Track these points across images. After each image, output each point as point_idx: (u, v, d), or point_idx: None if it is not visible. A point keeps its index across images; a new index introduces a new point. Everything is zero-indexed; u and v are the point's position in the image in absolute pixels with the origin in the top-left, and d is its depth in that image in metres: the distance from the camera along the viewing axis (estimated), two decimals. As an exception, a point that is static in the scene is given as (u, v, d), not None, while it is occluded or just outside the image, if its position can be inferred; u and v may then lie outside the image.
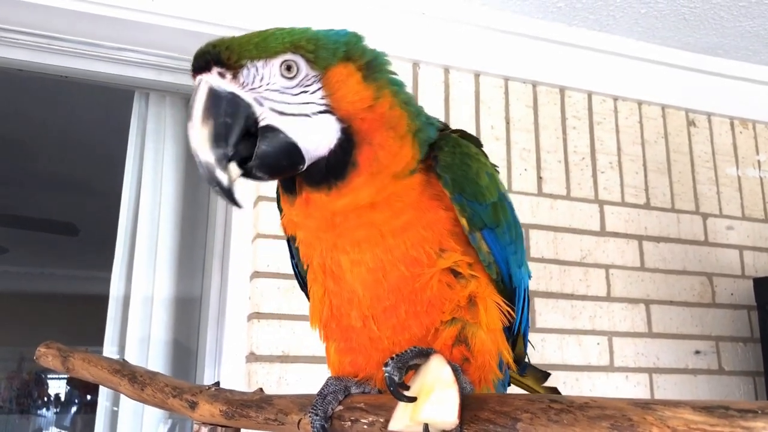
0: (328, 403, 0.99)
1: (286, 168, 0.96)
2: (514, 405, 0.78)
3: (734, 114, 3.22)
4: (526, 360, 1.40)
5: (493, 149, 2.74)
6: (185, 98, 2.78)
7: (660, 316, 2.84)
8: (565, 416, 0.73)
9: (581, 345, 2.67)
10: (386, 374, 0.86)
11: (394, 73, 1.06)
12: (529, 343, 1.42)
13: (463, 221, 1.02)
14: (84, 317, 5.42)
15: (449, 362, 0.88)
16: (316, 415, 0.98)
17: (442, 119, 2.67)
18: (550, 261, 2.71)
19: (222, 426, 1.22)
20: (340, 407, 0.99)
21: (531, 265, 2.60)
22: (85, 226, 5.85)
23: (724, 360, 2.90)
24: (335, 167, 0.96)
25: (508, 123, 2.81)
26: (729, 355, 2.91)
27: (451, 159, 1.02)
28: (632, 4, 2.72)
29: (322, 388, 1.03)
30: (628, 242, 2.86)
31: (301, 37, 0.96)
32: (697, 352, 2.86)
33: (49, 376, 8.74)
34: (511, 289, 1.11)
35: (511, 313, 1.10)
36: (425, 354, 0.90)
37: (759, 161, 3.24)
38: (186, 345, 2.69)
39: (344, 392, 1.02)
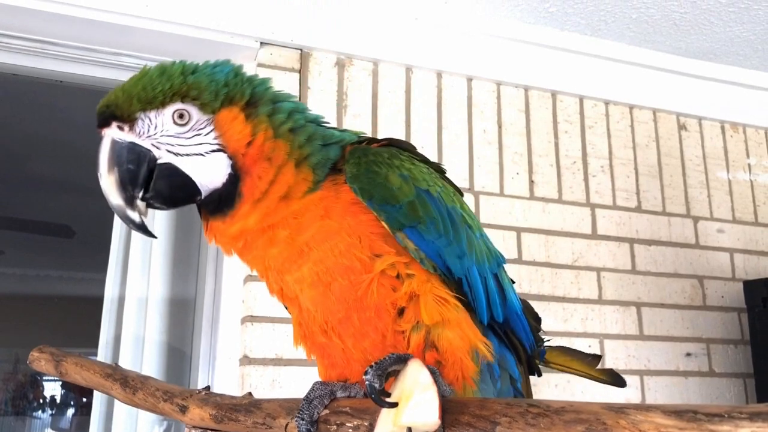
0: (314, 407, 1.02)
1: (183, 199, 1.10)
2: (494, 409, 0.81)
3: (725, 118, 3.25)
4: (544, 346, 1.42)
5: (486, 153, 2.76)
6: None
7: (651, 318, 2.86)
8: (542, 420, 0.75)
9: (573, 347, 2.68)
10: (366, 382, 0.89)
11: (279, 100, 1.14)
12: (545, 336, 1.43)
13: (383, 224, 1.07)
14: (79, 319, 5.43)
15: (427, 365, 0.90)
16: (302, 419, 1.00)
17: (435, 123, 2.71)
18: (542, 264, 2.73)
19: (212, 430, 1.24)
20: (326, 411, 1.01)
21: (523, 268, 2.63)
22: (81, 229, 5.86)
23: (714, 362, 2.92)
24: (226, 198, 1.07)
25: (500, 127, 2.83)
26: (720, 357, 2.94)
27: (356, 169, 1.07)
28: (623, 9, 2.74)
29: (309, 393, 1.05)
30: (619, 245, 2.88)
31: (186, 84, 1.06)
32: (688, 355, 2.88)
33: (44, 378, 8.74)
34: (456, 281, 1.13)
35: (457, 303, 1.10)
36: (403, 359, 0.93)
37: (749, 165, 3.27)
38: (180, 347, 2.70)
39: (330, 396, 1.05)
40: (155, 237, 1.15)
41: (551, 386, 2.63)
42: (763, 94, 3.27)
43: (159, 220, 2.71)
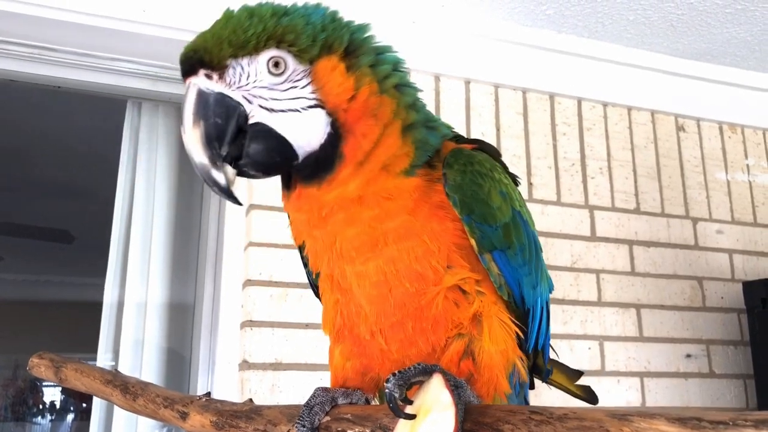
0: (314, 414, 1.00)
1: (279, 164, 0.98)
2: (496, 416, 0.80)
3: (723, 119, 3.25)
4: (549, 367, 1.41)
5: (484, 156, 2.76)
6: (178, 107, 2.79)
7: (651, 320, 2.86)
8: (545, 427, 0.75)
9: (573, 350, 2.69)
10: (387, 390, 0.86)
11: (382, 51, 1.04)
12: (552, 350, 1.42)
13: (473, 242, 1.00)
14: (78, 324, 5.42)
15: (452, 380, 0.88)
16: (303, 426, 0.99)
17: (433, 126, 2.70)
18: (541, 266, 2.73)
19: (213, 436, 1.23)
20: (327, 418, 1.00)
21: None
22: (80, 234, 5.86)
23: (714, 363, 2.92)
24: (324, 160, 0.96)
25: (498, 130, 2.83)
26: (720, 358, 2.94)
27: (461, 178, 0.99)
28: (621, 11, 2.75)
29: (309, 399, 1.03)
30: (618, 247, 2.88)
31: (281, 26, 0.95)
32: (688, 356, 2.88)
33: (44, 383, 8.72)
34: (524, 311, 1.08)
35: (519, 333, 1.07)
36: (428, 372, 0.89)
37: (748, 165, 3.27)
38: (179, 352, 2.70)
39: (331, 403, 1.03)
40: (241, 204, 1.00)
41: (549, 393, 2.62)
42: (760, 95, 3.28)
43: (158, 220, 2.71)
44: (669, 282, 2.93)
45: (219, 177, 0.93)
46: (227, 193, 0.94)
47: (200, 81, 0.93)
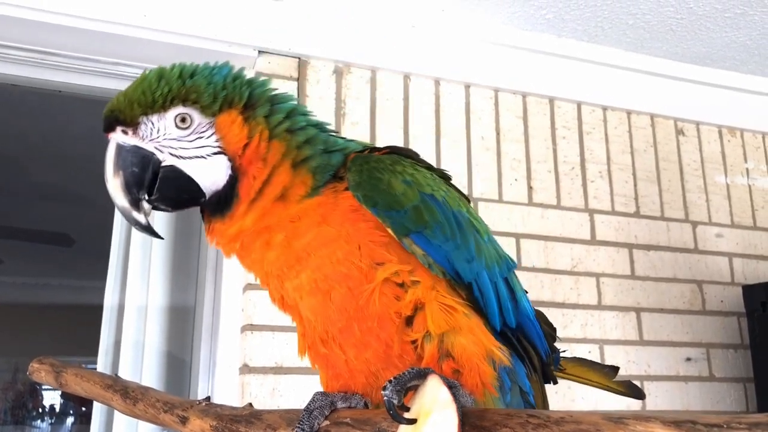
0: (314, 418, 1.01)
1: (187, 201, 1.12)
2: (493, 420, 0.81)
3: (722, 123, 3.26)
4: (559, 354, 1.41)
5: (484, 160, 2.77)
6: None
7: (651, 323, 2.86)
8: (542, 431, 0.75)
9: (573, 353, 2.68)
10: (385, 398, 0.87)
11: (278, 102, 1.15)
12: (560, 346, 1.42)
13: (389, 230, 1.06)
14: (79, 327, 5.43)
15: (446, 381, 0.89)
16: (303, 430, 1.00)
17: (433, 130, 2.71)
18: (541, 270, 2.73)
19: (213, 440, 1.24)
20: (327, 422, 1.01)
21: (522, 274, 2.63)
22: (80, 237, 5.86)
23: (714, 367, 2.92)
24: (225, 199, 1.09)
25: (498, 134, 2.84)
26: (719, 361, 2.94)
27: (358, 177, 1.07)
28: (620, 16, 2.76)
29: (309, 404, 1.04)
30: (618, 250, 2.89)
31: (185, 87, 1.08)
32: (688, 359, 2.88)
33: (43, 387, 8.72)
34: (466, 285, 1.12)
35: (464, 310, 1.08)
36: (423, 375, 0.91)
37: (747, 169, 3.28)
38: (180, 356, 2.70)
39: (330, 407, 1.04)
40: (161, 238, 1.18)
41: (551, 392, 2.62)
42: (760, 99, 3.28)
43: (158, 227, 2.72)
44: (669, 285, 2.94)
45: (139, 217, 1.08)
46: (148, 230, 1.11)
47: (118, 136, 1.08)
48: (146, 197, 1.08)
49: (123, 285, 2.70)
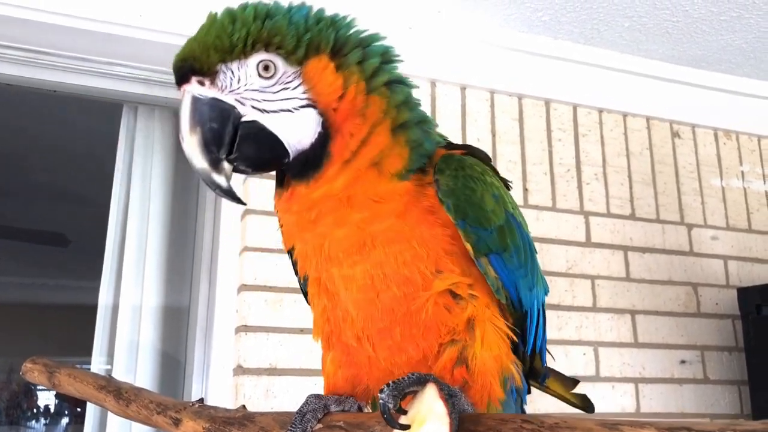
0: (306, 421, 0.99)
1: (270, 161, 1.01)
2: (487, 425, 0.80)
3: (718, 125, 3.26)
4: (545, 371, 1.40)
5: (480, 161, 2.77)
6: (174, 112, 2.79)
7: (646, 326, 2.86)
8: (535, 436, 0.75)
9: (568, 355, 2.69)
10: (381, 401, 0.85)
11: (368, 43, 1.05)
12: (548, 354, 1.42)
13: (468, 247, 1.00)
14: (73, 327, 5.41)
15: (447, 389, 0.88)
16: (295, 433, 0.99)
17: (429, 132, 2.70)
18: (536, 272, 2.73)
19: (205, 442, 1.23)
20: (319, 425, 1.00)
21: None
22: (75, 237, 5.85)
23: (709, 369, 2.93)
24: (314, 159, 0.98)
25: (494, 135, 2.84)
26: (714, 364, 2.94)
27: (453, 183, 0.99)
28: (616, 18, 2.76)
29: (302, 407, 1.03)
30: (613, 253, 2.89)
31: (266, 30, 0.96)
32: (683, 362, 2.89)
33: (38, 387, 8.70)
34: (522, 313, 1.08)
35: (514, 337, 1.06)
36: (422, 381, 0.89)
37: (743, 172, 3.28)
38: (174, 356, 2.69)
39: (323, 410, 1.02)
40: (245, 204, 1.05)
41: (542, 395, 2.62)
42: (755, 102, 3.29)
43: (152, 227, 2.71)
44: (664, 288, 2.94)
45: (220, 180, 0.96)
46: (230, 194, 0.98)
47: (193, 88, 0.96)
48: (226, 156, 0.96)
49: (117, 285, 2.69)
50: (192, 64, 0.96)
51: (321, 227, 1.00)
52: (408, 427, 0.84)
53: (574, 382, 1.44)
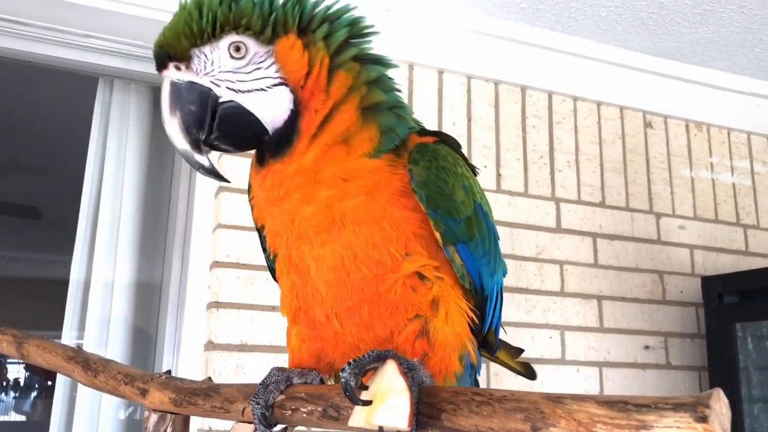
0: (269, 392, 1.03)
1: (249, 139, 1.05)
2: (440, 397, 0.84)
3: (690, 117, 3.32)
4: (497, 344, 1.46)
5: (454, 146, 2.79)
6: (150, 86, 2.78)
7: (611, 311, 2.93)
8: (485, 408, 0.79)
9: (534, 338, 2.75)
10: (343, 379, 0.89)
11: (335, 17, 1.07)
12: (502, 329, 1.47)
13: (438, 235, 1.03)
14: (45, 301, 5.38)
15: (406, 363, 0.91)
16: (258, 403, 1.02)
17: (405, 115, 2.73)
18: (506, 256, 2.77)
19: (171, 413, 1.26)
20: (282, 396, 1.03)
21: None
22: (48, 211, 5.80)
23: (671, 355, 3.00)
24: (287, 136, 1.02)
25: (469, 120, 2.86)
26: (676, 350, 3.02)
27: (426, 174, 1.02)
28: (593, 8, 2.79)
29: (265, 378, 1.06)
30: (582, 239, 2.94)
31: (232, 12, 0.99)
32: (647, 347, 2.96)
33: (8, 360, 8.63)
34: (483, 297, 1.12)
35: (475, 318, 1.10)
36: (382, 358, 0.92)
37: (712, 163, 3.35)
38: (145, 331, 2.71)
39: (286, 382, 1.05)
40: (228, 181, 1.12)
41: (511, 376, 2.68)
42: (726, 95, 3.35)
43: (126, 202, 2.71)
44: (631, 275, 3.00)
45: (202, 159, 1.01)
46: (213, 173, 1.03)
47: (171, 73, 1.00)
48: (206, 137, 1.01)
49: (90, 259, 2.70)
50: (167, 51, 1.00)
51: (289, 203, 1.03)
52: (370, 402, 0.87)
53: (518, 351, 1.50)
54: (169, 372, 1.31)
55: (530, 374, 1.52)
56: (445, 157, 1.06)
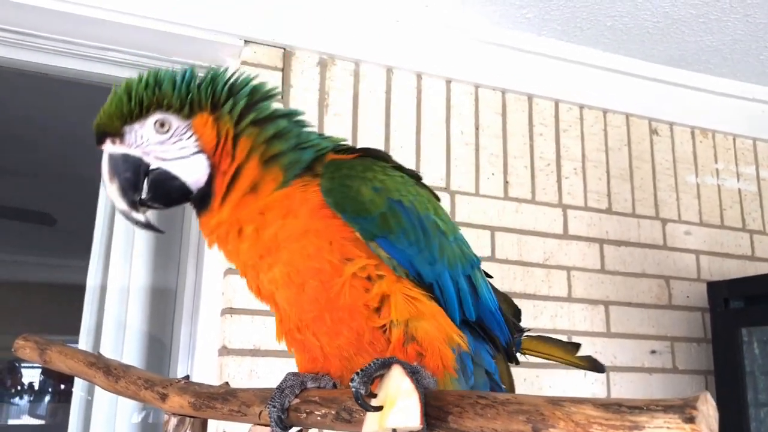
0: (285, 396, 1.09)
1: (177, 198, 1.20)
2: (447, 400, 0.89)
3: (695, 124, 3.35)
4: (525, 336, 1.53)
5: (462, 154, 2.85)
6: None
7: (618, 316, 2.96)
8: (489, 410, 0.83)
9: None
10: (353, 389, 0.96)
11: (237, 90, 1.21)
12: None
13: (357, 234, 1.13)
14: (61, 307, 5.46)
15: (409, 367, 0.96)
16: (274, 407, 1.08)
17: (414, 124, 2.78)
18: (514, 262, 2.82)
19: (190, 416, 1.31)
20: (297, 400, 1.08)
21: (496, 266, 2.71)
22: (63, 217, 5.88)
23: (678, 359, 3.04)
24: (207, 194, 1.17)
25: (477, 129, 2.91)
26: (683, 354, 3.05)
27: (329, 183, 1.14)
28: (599, 17, 2.83)
29: (281, 383, 1.12)
30: (589, 245, 2.98)
31: (155, 97, 1.15)
32: (653, 352, 2.99)
33: (23, 365, 8.72)
34: (428, 285, 1.19)
35: (435, 305, 1.17)
36: (387, 364, 0.98)
37: (717, 169, 3.38)
38: (160, 337, 2.76)
39: (301, 386, 1.12)
40: (163, 232, 1.27)
41: (520, 380, 2.72)
42: (731, 101, 3.39)
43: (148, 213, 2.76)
44: (637, 280, 3.04)
45: (138, 217, 1.17)
46: (148, 227, 1.20)
47: (108, 147, 1.16)
48: (141, 198, 1.17)
49: (106, 266, 2.75)
50: (104, 129, 1.16)
51: (228, 245, 1.19)
52: (381, 408, 0.93)
53: (575, 345, 1.58)
54: (187, 377, 1.36)
55: (597, 367, 1.60)
56: (352, 167, 1.17)
